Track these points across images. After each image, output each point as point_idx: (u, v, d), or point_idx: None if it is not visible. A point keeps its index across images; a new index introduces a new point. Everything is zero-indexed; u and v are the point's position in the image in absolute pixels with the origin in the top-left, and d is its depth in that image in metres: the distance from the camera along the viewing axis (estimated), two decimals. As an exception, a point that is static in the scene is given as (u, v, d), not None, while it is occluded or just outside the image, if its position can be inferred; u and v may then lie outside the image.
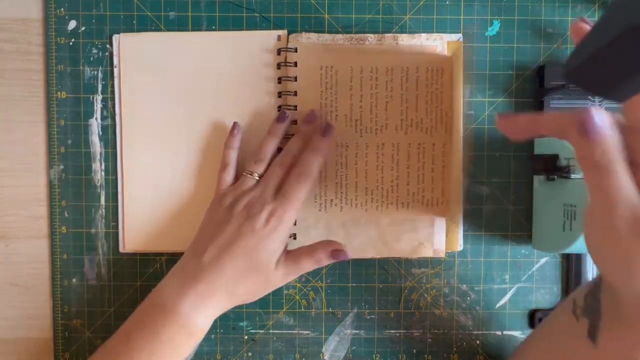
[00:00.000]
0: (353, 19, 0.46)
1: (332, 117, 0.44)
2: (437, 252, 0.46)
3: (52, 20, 0.45)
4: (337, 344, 0.47)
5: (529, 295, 0.47)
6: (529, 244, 0.47)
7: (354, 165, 0.45)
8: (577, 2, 0.46)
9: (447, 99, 0.44)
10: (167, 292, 0.39)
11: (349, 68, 0.44)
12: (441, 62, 0.44)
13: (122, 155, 0.46)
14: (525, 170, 0.46)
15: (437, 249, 0.46)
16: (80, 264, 0.46)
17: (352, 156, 0.45)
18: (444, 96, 0.44)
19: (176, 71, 0.45)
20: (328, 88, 0.44)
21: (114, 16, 0.45)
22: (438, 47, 0.44)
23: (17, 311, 0.47)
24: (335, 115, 0.44)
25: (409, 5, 0.46)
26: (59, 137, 0.46)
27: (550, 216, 0.42)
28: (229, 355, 0.47)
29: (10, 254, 0.47)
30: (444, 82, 0.44)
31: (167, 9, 0.45)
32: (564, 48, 0.46)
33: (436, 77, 0.44)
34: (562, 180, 0.41)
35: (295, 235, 0.45)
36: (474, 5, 0.46)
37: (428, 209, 0.45)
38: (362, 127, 0.44)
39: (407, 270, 0.47)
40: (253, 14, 0.46)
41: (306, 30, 0.45)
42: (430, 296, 0.47)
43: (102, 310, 0.46)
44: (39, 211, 0.46)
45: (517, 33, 0.46)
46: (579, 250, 0.40)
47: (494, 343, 0.47)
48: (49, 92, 0.46)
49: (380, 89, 0.44)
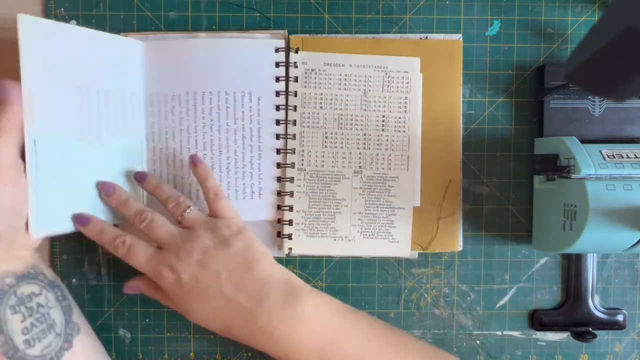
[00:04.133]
0: (353, 19, 0.46)
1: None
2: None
3: (52, 20, 0.45)
4: (337, 344, 0.47)
5: (529, 295, 0.47)
6: (529, 244, 0.47)
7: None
8: (577, 2, 0.46)
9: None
10: None
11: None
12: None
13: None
14: (525, 170, 0.46)
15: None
16: (80, 264, 0.46)
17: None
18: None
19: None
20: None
21: (114, 16, 0.45)
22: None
23: (17, 311, 0.47)
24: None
25: (409, 5, 0.46)
26: (59, 137, 0.46)
27: (550, 216, 0.42)
28: (229, 355, 0.47)
29: (11, 254, 0.47)
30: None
31: (167, 9, 0.45)
32: (564, 48, 0.46)
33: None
34: (562, 180, 0.41)
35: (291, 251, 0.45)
36: (474, 5, 0.46)
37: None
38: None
39: (407, 270, 0.47)
40: (253, 14, 0.46)
41: (306, 31, 0.45)
42: (430, 296, 0.47)
43: (102, 310, 0.46)
44: (39, 211, 0.46)
45: (517, 33, 0.46)
46: (579, 250, 0.40)
47: (494, 343, 0.47)
48: (49, 92, 0.45)
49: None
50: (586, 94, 0.45)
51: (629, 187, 0.38)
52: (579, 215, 0.38)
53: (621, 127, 0.45)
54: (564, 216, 0.40)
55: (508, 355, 0.47)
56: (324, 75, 0.44)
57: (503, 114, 0.46)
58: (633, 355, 0.47)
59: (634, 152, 0.40)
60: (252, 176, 0.45)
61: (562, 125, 0.45)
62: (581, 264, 0.46)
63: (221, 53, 0.45)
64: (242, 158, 0.45)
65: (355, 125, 0.45)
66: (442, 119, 0.45)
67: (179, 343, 0.47)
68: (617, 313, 0.47)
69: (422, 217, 0.45)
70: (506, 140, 0.46)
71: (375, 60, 0.44)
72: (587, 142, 0.41)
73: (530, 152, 0.46)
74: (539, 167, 0.43)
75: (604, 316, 0.46)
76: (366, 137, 0.45)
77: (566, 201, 0.40)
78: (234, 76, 0.45)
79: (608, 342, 0.47)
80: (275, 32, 0.45)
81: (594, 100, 0.45)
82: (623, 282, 0.47)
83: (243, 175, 0.45)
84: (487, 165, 0.46)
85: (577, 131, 0.45)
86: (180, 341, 0.47)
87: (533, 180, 0.46)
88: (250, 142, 0.45)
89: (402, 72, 0.44)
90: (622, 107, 0.45)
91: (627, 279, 0.47)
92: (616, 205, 0.37)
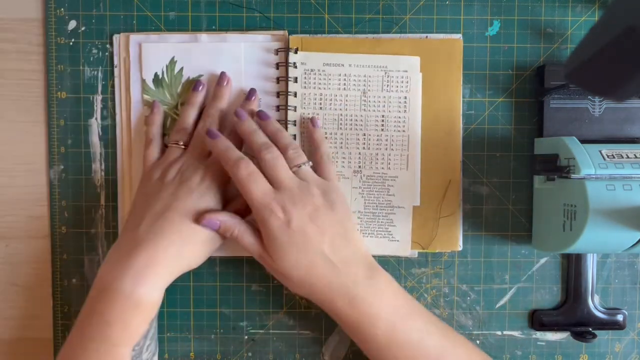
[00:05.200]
0: (353, 19, 0.46)
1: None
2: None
3: (52, 20, 0.45)
4: (337, 344, 0.47)
5: (529, 295, 0.47)
6: (529, 244, 0.47)
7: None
8: (577, 2, 0.46)
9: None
10: (107, 273, 0.38)
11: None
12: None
13: (122, 155, 0.46)
14: (525, 170, 0.46)
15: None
16: (80, 264, 0.46)
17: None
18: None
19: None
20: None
21: (114, 16, 0.45)
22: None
23: (17, 311, 0.47)
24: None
25: (409, 5, 0.46)
26: (59, 137, 0.46)
27: (550, 216, 0.42)
28: (229, 355, 0.47)
29: (11, 254, 0.47)
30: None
31: (167, 9, 0.45)
32: (564, 48, 0.46)
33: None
34: (562, 180, 0.41)
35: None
36: (474, 5, 0.46)
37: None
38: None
39: (407, 270, 0.47)
40: (253, 14, 0.46)
41: (306, 31, 0.45)
42: (431, 296, 0.47)
43: (102, 310, 0.46)
44: (39, 211, 0.46)
45: (517, 33, 0.46)
46: (579, 250, 0.40)
47: (494, 343, 0.47)
48: (49, 92, 0.46)
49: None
50: (586, 94, 0.45)
51: (629, 187, 0.38)
52: (579, 215, 0.38)
53: (621, 127, 0.45)
54: (564, 216, 0.40)
55: (508, 355, 0.47)
56: (323, 76, 0.44)
57: (503, 114, 0.46)
58: (633, 355, 0.47)
59: (634, 152, 0.40)
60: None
61: (562, 125, 0.45)
62: (581, 264, 0.46)
63: (221, 54, 0.45)
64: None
65: (354, 125, 0.45)
66: (442, 119, 0.45)
67: (179, 343, 0.47)
68: (617, 313, 0.47)
69: (422, 216, 0.45)
70: (506, 140, 0.46)
71: (375, 60, 0.44)
72: (587, 142, 0.41)
73: (530, 152, 0.46)
74: (539, 167, 0.43)
75: (604, 316, 0.46)
76: (366, 137, 0.45)
77: (566, 201, 0.40)
78: (234, 77, 0.45)
79: (608, 342, 0.47)
80: (275, 32, 0.45)
81: (594, 100, 0.45)
82: (623, 282, 0.47)
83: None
84: (487, 165, 0.46)
85: (577, 131, 0.45)
86: (180, 341, 0.47)
87: (533, 180, 0.46)
88: (250, 142, 0.45)
89: (401, 72, 0.44)
90: (622, 107, 0.45)
91: (627, 279, 0.47)
92: (616, 205, 0.37)
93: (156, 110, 0.44)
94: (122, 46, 0.45)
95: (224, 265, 0.47)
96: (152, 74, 0.45)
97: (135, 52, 0.45)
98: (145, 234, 0.38)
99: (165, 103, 0.45)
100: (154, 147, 0.44)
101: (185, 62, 0.45)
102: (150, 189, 0.41)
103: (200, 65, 0.45)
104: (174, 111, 0.45)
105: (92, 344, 0.36)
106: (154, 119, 0.44)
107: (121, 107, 0.45)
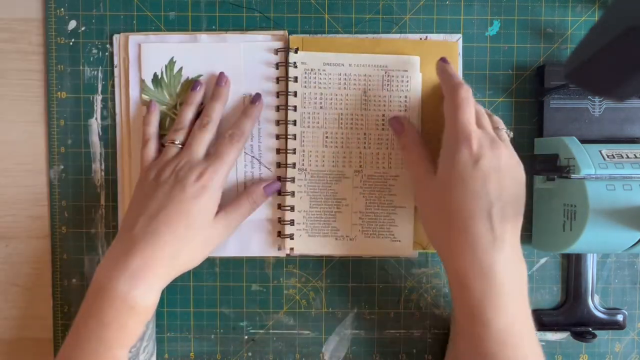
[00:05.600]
0: (353, 19, 0.46)
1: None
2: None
3: (52, 20, 0.45)
4: (337, 344, 0.47)
5: (529, 295, 0.47)
6: (529, 244, 0.47)
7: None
8: (577, 2, 0.46)
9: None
10: (103, 274, 0.38)
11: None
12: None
13: (122, 155, 0.46)
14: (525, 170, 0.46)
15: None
16: (80, 264, 0.46)
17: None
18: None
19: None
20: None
21: (114, 16, 0.45)
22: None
23: (17, 311, 0.47)
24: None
25: (409, 5, 0.46)
26: (59, 137, 0.46)
27: (550, 216, 0.42)
28: (229, 355, 0.47)
29: (11, 254, 0.47)
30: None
31: (167, 9, 0.45)
32: (564, 48, 0.46)
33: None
34: (562, 180, 0.41)
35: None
36: (474, 5, 0.46)
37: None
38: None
39: (407, 270, 0.47)
40: (253, 14, 0.46)
41: (306, 31, 0.45)
42: (430, 296, 0.47)
43: (102, 310, 0.46)
44: (39, 211, 0.46)
45: (517, 33, 0.46)
46: (579, 250, 0.40)
47: (494, 343, 0.47)
48: (49, 92, 0.46)
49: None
50: (586, 94, 0.45)
51: (629, 187, 0.38)
52: (578, 215, 0.38)
53: (621, 127, 0.45)
54: (564, 216, 0.40)
55: (508, 355, 0.47)
56: (323, 75, 0.44)
57: (503, 114, 0.46)
58: (633, 355, 0.47)
59: (634, 152, 0.40)
60: (253, 176, 0.45)
61: (562, 125, 0.45)
62: (581, 264, 0.46)
63: (221, 54, 0.45)
64: (243, 158, 0.45)
65: (355, 125, 0.45)
66: (442, 119, 0.45)
67: (178, 343, 0.47)
68: (617, 313, 0.47)
69: (422, 217, 0.45)
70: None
71: (375, 60, 0.44)
72: (587, 142, 0.41)
73: (530, 152, 0.46)
74: (539, 167, 0.43)
75: (604, 316, 0.46)
76: (366, 137, 0.45)
77: (566, 201, 0.40)
78: (234, 77, 0.45)
79: (608, 342, 0.47)
80: (275, 32, 0.45)
81: (594, 100, 0.45)
82: (623, 282, 0.47)
83: (244, 175, 0.45)
84: (487, 165, 0.46)
85: (577, 131, 0.45)
86: (180, 341, 0.47)
87: (533, 180, 0.46)
88: (250, 142, 0.45)
89: (401, 72, 0.44)
90: (622, 107, 0.45)
91: (627, 279, 0.47)
92: (616, 205, 0.37)
93: (152, 110, 0.44)
94: (121, 46, 0.45)
95: (224, 265, 0.47)
96: (151, 74, 0.45)
97: (135, 52, 0.45)
98: (141, 234, 0.38)
99: (164, 103, 0.45)
100: (150, 146, 0.44)
101: (184, 62, 0.45)
102: (146, 189, 0.41)
103: (199, 65, 0.45)
104: (172, 111, 0.45)
105: (88, 346, 0.36)
106: (150, 119, 0.44)
107: (121, 107, 0.45)
